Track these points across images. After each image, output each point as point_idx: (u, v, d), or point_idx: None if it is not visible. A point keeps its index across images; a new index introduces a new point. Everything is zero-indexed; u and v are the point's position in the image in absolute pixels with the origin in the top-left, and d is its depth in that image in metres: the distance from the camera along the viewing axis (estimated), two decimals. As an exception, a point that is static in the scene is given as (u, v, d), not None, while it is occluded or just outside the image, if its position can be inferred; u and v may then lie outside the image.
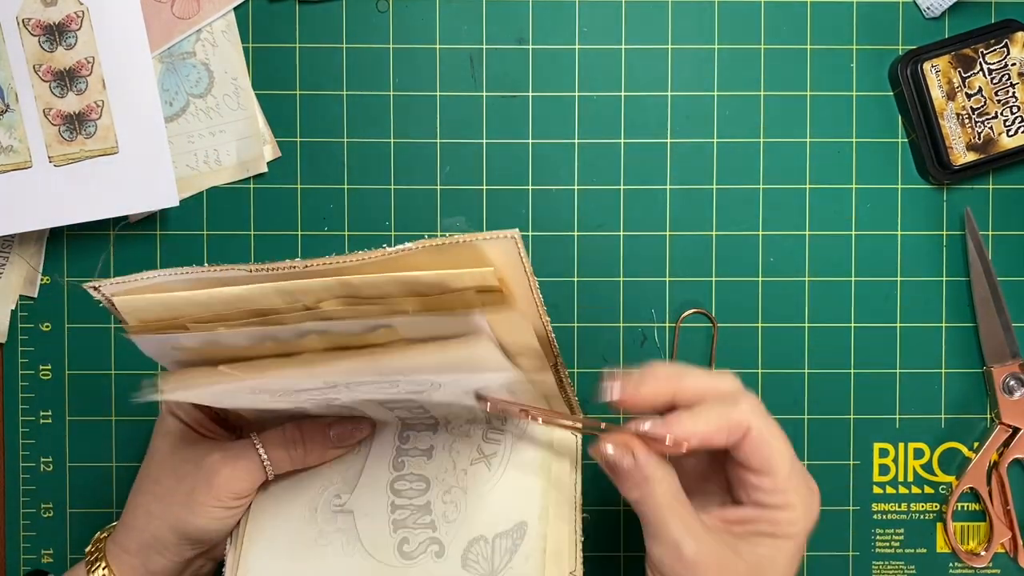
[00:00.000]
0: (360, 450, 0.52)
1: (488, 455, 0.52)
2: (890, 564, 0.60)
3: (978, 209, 0.60)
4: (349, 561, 0.51)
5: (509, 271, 0.40)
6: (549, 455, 0.52)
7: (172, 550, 0.51)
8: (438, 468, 0.52)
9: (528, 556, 0.50)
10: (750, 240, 0.60)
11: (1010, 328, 0.59)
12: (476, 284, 0.40)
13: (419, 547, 0.51)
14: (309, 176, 0.60)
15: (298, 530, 0.51)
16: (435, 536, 0.51)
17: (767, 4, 0.60)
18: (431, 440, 0.52)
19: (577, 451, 0.52)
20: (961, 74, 0.58)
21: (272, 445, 0.51)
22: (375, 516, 0.51)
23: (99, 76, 0.56)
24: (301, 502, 0.52)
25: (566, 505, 0.51)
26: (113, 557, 0.51)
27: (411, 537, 0.51)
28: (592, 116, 0.60)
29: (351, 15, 0.59)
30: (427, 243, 0.40)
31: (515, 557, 0.50)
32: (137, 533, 0.51)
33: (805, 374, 0.60)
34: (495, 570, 0.50)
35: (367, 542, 0.51)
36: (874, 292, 0.60)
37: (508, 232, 0.39)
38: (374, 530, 0.51)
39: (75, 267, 0.60)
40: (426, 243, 0.40)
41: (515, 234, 0.39)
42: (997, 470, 0.59)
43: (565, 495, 0.51)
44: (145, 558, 0.51)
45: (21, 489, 0.60)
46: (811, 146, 0.60)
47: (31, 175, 0.57)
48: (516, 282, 0.41)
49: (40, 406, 0.60)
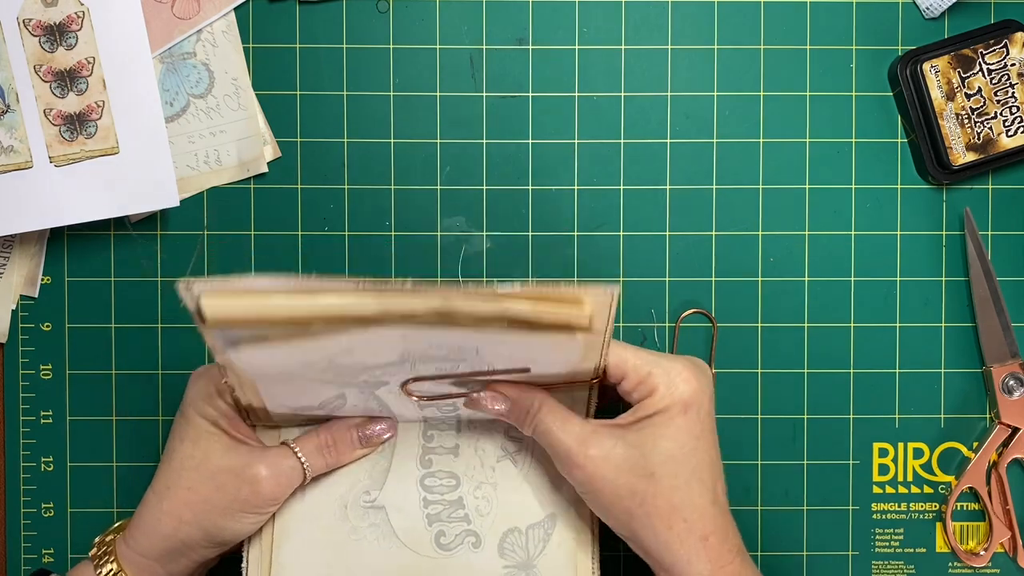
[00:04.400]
0: (385, 450, 0.54)
1: (513, 452, 0.54)
2: (890, 564, 0.60)
3: (978, 209, 0.60)
4: (386, 554, 0.53)
5: (597, 318, 0.44)
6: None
7: (199, 553, 0.51)
8: (466, 465, 0.54)
9: (560, 544, 0.53)
10: (750, 240, 0.60)
11: (1010, 328, 0.59)
12: (569, 322, 0.43)
13: (456, 539, 0.53)
14: (309, 176, 0.60)
15: (330, 527, 0.53)
16: (471, 528, 0.53)
17: (767, 4, 0.60)
18: (456, 439, 0.54)
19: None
20: (961, 74, 0.58)
21: (308, 449, 0.52)
22: (408, 511, 0.53)
23: (99, 76, 0.57)
24: (331, 500, 0.53)
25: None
26: (128, 561, 0.51)
27: (447, 530, 0.53)
28: (592, 116, 0.60)
29: (351, 15, 0.59)
30: (532, 289, 0.43)
31: (548, 545, 0.53)
32: (162, 539, 0.50)
33: (805, 374, 0.60)
34: (531, 557, 0.53)
35: (403, 535, 0.53)
36: (874, 292, 0.60)
37: (609, 288, 0.43)
38: (409, 524, 0.53)
39: (76, 267, 0.60)
40: (531, 289, 0.43)
41: (614, 290, 0.43)
42: (996, 470, 0.60)
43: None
44: (168, 561, 0.51)
45: (22, 489, 0.60)
46: (811, 146, 0.60)
47: (32, 175, 0.57)
48: (599, 327, 0.45)
49: (41, 406, 0.60)
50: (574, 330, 0.43)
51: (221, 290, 0.40)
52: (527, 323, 0.42)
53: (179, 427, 0.52)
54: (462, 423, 0.54)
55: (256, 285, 0.41)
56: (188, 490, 0.50)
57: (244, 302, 0.40)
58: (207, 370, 0.52)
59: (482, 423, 0.54)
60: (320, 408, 0.52)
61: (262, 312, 0.41)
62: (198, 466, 0.50)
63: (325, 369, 0.46)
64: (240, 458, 0.50)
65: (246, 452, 0.51)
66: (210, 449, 0.50)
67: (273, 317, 0.41)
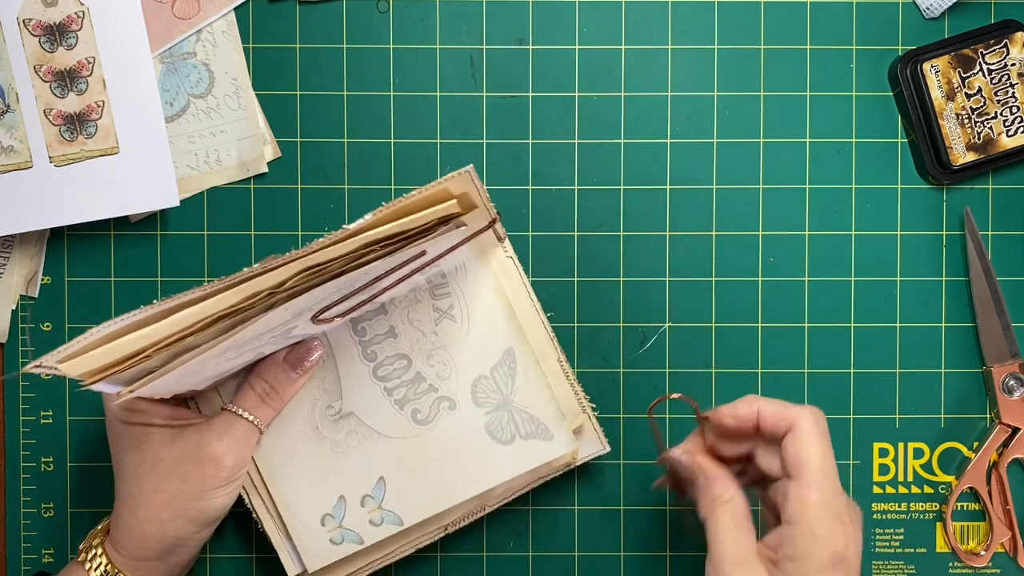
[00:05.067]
0: (325, 362, 0.55)
1: (446, 309, 0.55)
2: (890, 564, 0.60)
3: (978, 209, 0.60)
4: (375, 451, 0.54)
5: (469, 196, 0.46)
6: (497, 277, 0.55)
7: (195, 539, 0.52)
8: (409, 340, 0.55)
9: (527, 372, 0.55)
10: (750, 240, 0.60)
11: (1010, 328, 0.59)
12: (440, 216, 0.45)
13: (431, 410, 0.55)
14: (309, 176, 0.60)
15: (312, 451, 0.54)
16: (441, 395, 0.55)
17: (767, 4, 0.60)
18: (387, 322, 0.55)
19: (514, 263, 0.56)
20: (961, 74, 0.58)
21: (250, 405, 0.52)
22: (376, 405, 0.55)
23: (99, 76, 0.56)
24: (300, 427, 0.54)
25: (530, 309, 0.56)
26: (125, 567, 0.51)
27: (419, 406, 0.55)
28: (592, 116, 0.60)
29: (351, 15, 0.59)
30: (383, 209, 0.44)
31: (516, 378, 0.55)
32: (155, 542, 0.51)
33: (805, 374, 0.60)
34: (506, 396, 0.55)
35: (382, 428, 0.55)
36: (874, 292, 0.60)
37: (463, 169, 0.45)
38: (382, 416, 0.55)
39: (76, 267, 0.60)
40: (382, 209, 0.44)
41: (469, 169, 0.45)
42: (997, 470, 0.60)
43: (525, 303, 0.56)
44: (167, 558, 0.51)
45: (22, 489, 0.60)
46: (811, 146, 0.60)
47: (32, 175, 0.57)
48: (473, 199, 0.48)
49: (40, 406, 0.60)
50: (451, 201, 0.45)
51: (73, 351, 0.41)
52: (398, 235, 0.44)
53: (115, 439, 0.52)
54: (386, 305, 0.55)
55: (109, 329, 0.41)
56: (155, 492, 0.50)
57: (102, 351, 0.42)
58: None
59: (405, 297, 0.55)
60: (243, 365, 0.53)
61: (126, 351, 0.42)
62: (152, 468, 0.50)
63: (228, 353, 0.47)
64: (190, 442, 0.50)
65: (193, 434, 0.51)
66: (156, 448, 0.50)
67: (138, 351, 0.42)
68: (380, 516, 0.54)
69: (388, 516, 0.54)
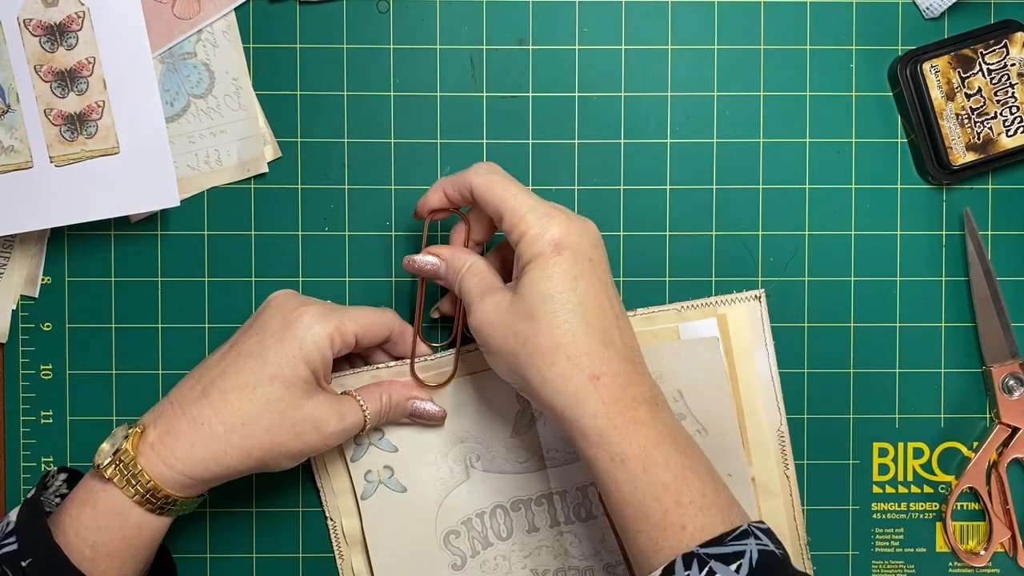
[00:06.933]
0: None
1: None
2: (890, 564, 0.60)
3: (978, 209, 0.60)
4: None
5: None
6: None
7: (242, 475, 0.51)
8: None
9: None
10: (750, 240, 0.60)
11: (1010, 328, 0.59)
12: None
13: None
14: (309, 176, 0.60)
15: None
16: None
17: (767, 4, 0.60)
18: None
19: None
20: (960, 74, 0.58)
21: (371, 407, 0.54)
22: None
23: (100, 76, 0.57)
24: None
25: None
26: (161, 477, 0.49)
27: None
28: (592, 116, 0.60)
29: (351, 15, 0.59)
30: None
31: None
32: (223, 470, 0.49)
33: (805, 374, 0.60)
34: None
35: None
36: (874, 292, 0.60)
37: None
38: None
39: (76, 267, 0.60)
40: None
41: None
42: (996, 470, 0.60)
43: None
44: (212, 481, 0.51)
45: (22, 489, 0.60)
46: (811, 146, 0.60)
47: (32, 175, 0.57)
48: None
49: (41, 406, 0.60)
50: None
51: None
52: None
53: (275, 362, 0.50)
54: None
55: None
56: (266, 431, 0.50)
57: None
58: (323, 313, 0.52)
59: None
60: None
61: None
62: (284, 411, 0.50)
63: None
64: (321, 410, 0.51)
65: (325, 404, 0.52)
66: (301, 397, 0.50)
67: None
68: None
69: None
